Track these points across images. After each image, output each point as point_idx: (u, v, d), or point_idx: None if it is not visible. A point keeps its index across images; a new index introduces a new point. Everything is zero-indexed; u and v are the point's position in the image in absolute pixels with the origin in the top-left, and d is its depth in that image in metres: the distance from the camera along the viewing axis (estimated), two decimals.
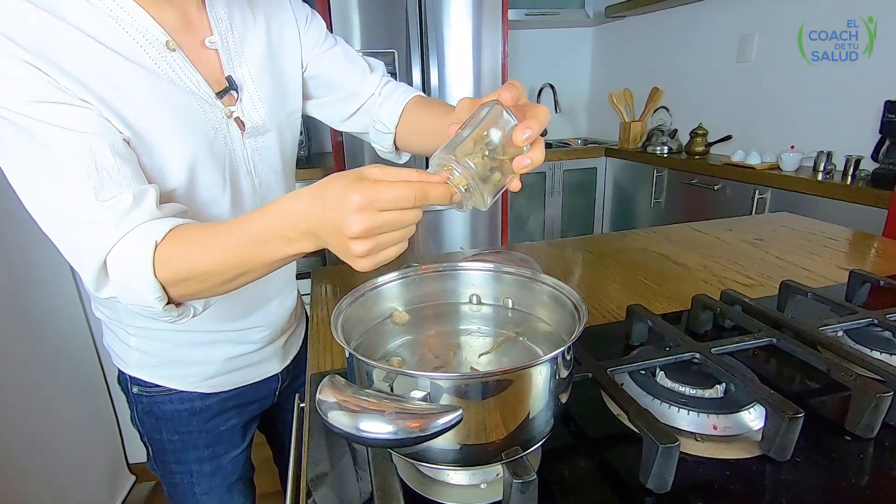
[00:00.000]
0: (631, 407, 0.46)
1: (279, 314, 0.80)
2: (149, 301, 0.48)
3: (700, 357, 0.54)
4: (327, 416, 0.32)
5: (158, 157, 0.55)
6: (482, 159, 0.41)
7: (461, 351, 0.49)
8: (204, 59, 0.61)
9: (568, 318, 0.46)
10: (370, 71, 0.77)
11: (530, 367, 0.35)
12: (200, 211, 0.61)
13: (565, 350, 0.37)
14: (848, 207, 1.67)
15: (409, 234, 0.41)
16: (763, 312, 0.65)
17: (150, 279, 0.47)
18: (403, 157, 0.81)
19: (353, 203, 0.38)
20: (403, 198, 0.39)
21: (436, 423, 0.30)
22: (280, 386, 0.86)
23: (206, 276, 0.47)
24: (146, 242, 0.47)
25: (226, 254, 0.46)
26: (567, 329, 0.45)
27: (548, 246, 1.17)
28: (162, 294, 0.48)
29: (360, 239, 0.39)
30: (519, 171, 0.43)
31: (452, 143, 0.42)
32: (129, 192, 0.49)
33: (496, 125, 0.42)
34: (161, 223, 0.49)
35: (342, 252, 0.41)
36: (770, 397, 0.46)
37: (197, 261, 0.47)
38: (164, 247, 0.47)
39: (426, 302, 0.55)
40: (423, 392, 0.34)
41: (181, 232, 0.49)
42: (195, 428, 0.76)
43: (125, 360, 0.73)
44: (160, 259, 0.47)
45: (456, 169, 0.40)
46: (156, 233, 0.47)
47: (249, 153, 0.66)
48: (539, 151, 0.43)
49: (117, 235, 0.47)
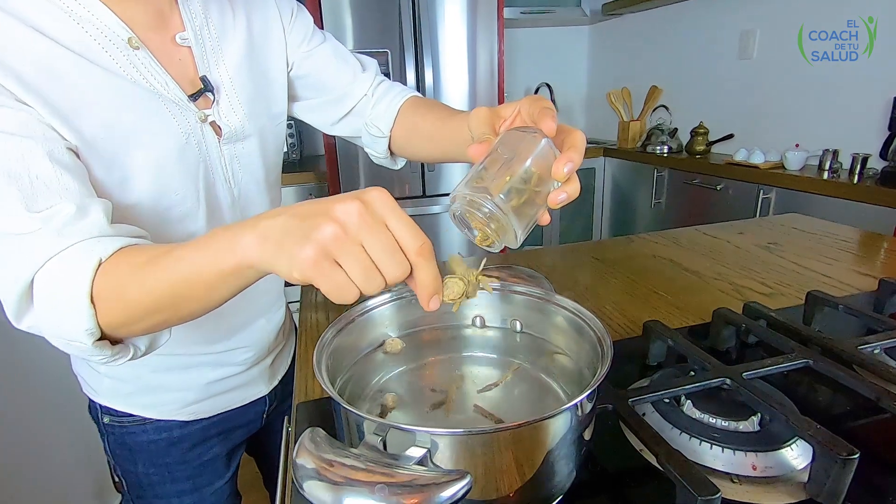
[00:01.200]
0: (660, 448, 0.40)
1: (266, 333, 0.74)
2: (75, 333, 0.39)
3: (731, 383, 0.49)
4: (303, 486, 0.26)
5: (119, 168, 0.49)
6: (517, 194, 0.35)
7: (464, 383, 0.43)
8: (175, 57, 0.55)
9: (586, 346, 0.40)
10: (362, 70, 0.71)
11: (552, 417, 0.30)
12: (171, 228, 0.55)
13: (590, 393, 0.32)
14: (856, 207, 1.62)
15: (372, 283, 0.31)
16: (793, 328, 0.59)
17: (84, 304, 0.38)
18: (399, 162, 0.75)
19: (370, 191, 0.31)
20: (411, 232, 0.32)
21: (438, 497, 0.25)
22: (268, 409, 0.80)
23: (139, 302, 0.38)
24: (88, 259, 0.39)
25: (161, 269, 0.37)
26: (587, 360, 0.39)
27: (550, 252, 1.12)
28: (93, 326, 0.39)
29: (333, 227, 0.30)
30: (554, 206, 0.38)
31: (477, 177, 0.36)
32: (69, 202, 0.41)
33: (536, 157, 0.36)
34: (110, 240, 0.41)
35: (293, 233, 0.31)
36: (817, 433, 0.40)
37: (133, 280, 0.38)
38: (108, 266, 0.39)
39: (423, 325, 0.49)
40: (422, 449, 0.29)
41: (132, 250, 0.41)
42: (174, 459, 0.70)
43: (95, 388, 0.67)
44: (101, 282, 0.39)
45: (484, 205, 0.34)
46: (103, 249, 0.39)
47: (227, 161, 0.60)
48: (575, 184, 0.38)
49: (51, 250, 0.40)
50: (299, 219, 0.31)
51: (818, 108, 1.95)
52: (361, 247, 0.31)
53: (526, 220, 0.37)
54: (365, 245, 0.31)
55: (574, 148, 0.38)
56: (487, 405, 0.41)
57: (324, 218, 0.30)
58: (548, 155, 0.37)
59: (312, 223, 0.30)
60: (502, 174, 0.35)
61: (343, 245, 0.30)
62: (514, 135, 0.38)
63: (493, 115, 0.43)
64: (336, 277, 0.31)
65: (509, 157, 0.36)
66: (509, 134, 0.39)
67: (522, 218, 0.36)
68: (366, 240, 0.31)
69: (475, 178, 0.36)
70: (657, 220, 2.45)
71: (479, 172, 0.36)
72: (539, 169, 0.36)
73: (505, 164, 0.36)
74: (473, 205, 0.34)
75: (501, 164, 0.36)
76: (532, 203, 0.37)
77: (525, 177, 0.36)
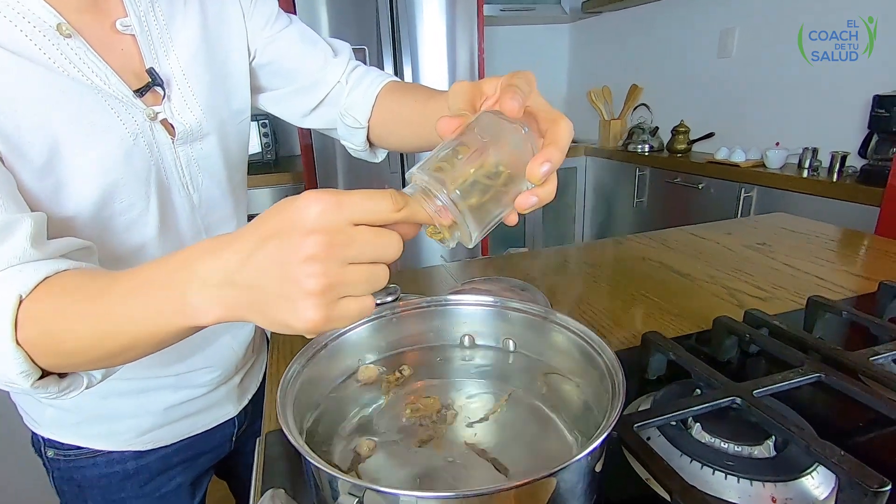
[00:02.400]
0: (674, 484, 0.35)
1: (232, 350, 0.67)
2: (10, 376, 0.34)
3: (741, 402, 0.45)
4: None
5: (52, 175, 0.43)
6: (479, 191, 0.30)
7: (452, 414, 0.38)
8: (116, 47, 0.48)
9: (593, 372, 0.36)
10: (334, 55, 0.64)
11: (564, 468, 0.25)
12: (115, 238, 0.48)
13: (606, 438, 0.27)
14: (835, 204, 1.63)
15: (379, 280, 0.28)
16: (798, 338, 0.56)
17: (9, 347, 0.33)
18: (380, 154, 0.69)
19: (310, 214, 0.26)
20: (377, 199, 0.27)
21: None
22: (238, 431, 0.73)
23: (78, 348, 0.34)
24: (6, 296, 0.33)
25: (96, 319, 0.32)
26: (592, 388, 0.35)
27: (535, 257, 1.07)
28: (28, 367, 0.34)
29: (313, 268, 0.26)
30: (522, 210, 0.32)
31: (440, 160, 0.30)
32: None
33: (510, 152, 0.31)
34: (32, 268, 0.34)
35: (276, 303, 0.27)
36: (842, 461, 0.37)
37: (66, 325, 0.33)
38: (30, 302, 0.33)
39: (405, 347, 0.44)
40: None
41: (60, 281, 0.35)
42: (130, 494, 0.63)
43: (37, 420, 0.59)
44: (24, 319, 0.33)
45: (438, 198, 0.29)
46: (22, 283, 0.33)
47: (184, 164, 0.53)
48: (550, 186, 0.32)
49: None
50: (270, 275, 0.27)
51: (798, 106, 1.96)
52: (350, 265, 0.27)
53: (486, 219, 0.32)
54: (352, 261, 0.27)
55: (555, 144, 0.32)
56: (481, 439, 0.36)
57: (300, 272, 0.26)
58: (524, 150, 0.32)
59: (291, 281, 0.26)
60: (466, 165, 0.30)
61: (336, 286, 0.27)
62: (489, 119, 0.33)
63: (474, 90, 0.37)
64: (349, 311, 0.28)
65: (479, 147, 0.31)
66: (486, 116, 0.33)
67: (482, 218, 0.31)
68: (350, 256, 0.27)
69: (436, 162, 0.30)
70: (639, 219, 2.44)
71: (442, 156, 0.31)
72: (510, 166, 0.31)
73: (474, 154, 0.30)
74: (427, 193, 0.29)
75: (471, 153, 0.30)
76: (497, 201, 0.32)
77: (493, 172, 0.30)
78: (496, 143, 0.31)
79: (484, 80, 0.38)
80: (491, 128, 0.32)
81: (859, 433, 0.47)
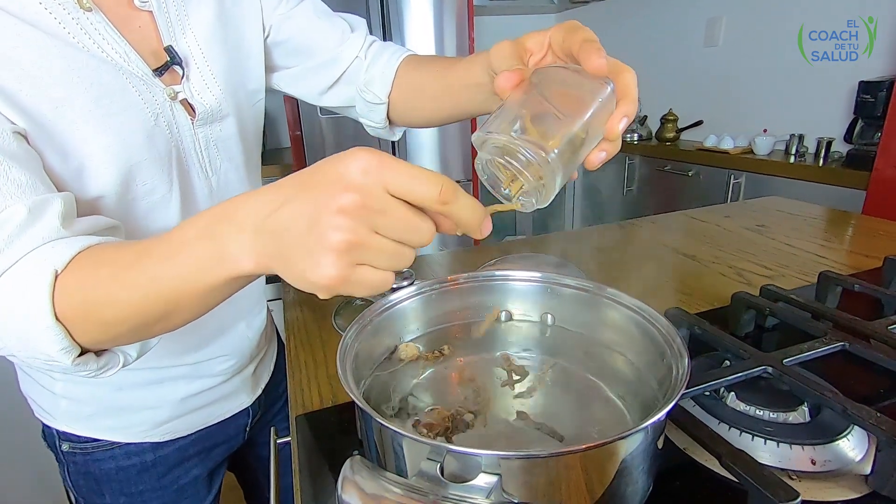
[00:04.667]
0: (722, 448, 0.36)
1: (247, 339, 0.66)
2: (51, 354, 0.33)
3: (773, 371, 0.45)
4: None
5: (75, 156, 0.41)
6: (570, 149, 0.29)
7: (498, 387, 0.38)
8: (134, 24, 0.46)
9: (642, 340, 0.36)
10: (350, 30, 0.62)
11: (643, 430, 0.25)
12: (140, 224, 0.47)
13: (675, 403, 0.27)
14: (821, 188, 1.67)
15: (403, 260, 0.28)
16: (818, 310, 0.57)
17: (49, 323, 0.32)
18: (397, 132, 0.67)
19: (350, 170, 0.25)
20: (423, 181, 0.26)
21: None
22: (251, 421, 0.72)
23: (119, 316, 0.33)
24: (42, 273, 0.32)
25: (138, 281, 0.32)
26: (644, 357, 0.35)
27: (536, 243, 1.08)
28: (69, 344, 0.33)
29: (341, 222, 0.25)
30: (593, 166, 0.32)
31: (521, 119, 0.29)
32: (20, 203, 0.34)
33: (596, 109, 0.30)
34: (65, 244, 0.34)
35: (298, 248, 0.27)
36: (881, 422, 0.38)
37: (106, 294, 0.32)
38: (66, 277, 0.33)
39: (443, 324, 0.43)
40: (493, 476, 0.23)
41: (93, 255, 0.34)
42: (148, 486, 0.61)
43: (50, 412, 0.57)
44: (61, 294, 0.32)
45: (533, 160, 0.28)
46: (56, 258, 0.33)
47: (203, 146, 0.52)
48: (619, 141, 0.33)
49: (2, 265, 0.33)
50: (298, 224, 0.26)
51: (785, 93, 2.00)
52: (378, 235, 0.27)
53: (566, 178, 0.31)
54: (380, 231, 0.27)
55: (628, 97, 0.32)
56: (529, 410, 0.36)
57: (327, 223, 0.25)
58: (608, 107, 0.31)
59: (316, 233, 0.26)
60: (559, 127, 0.29)
61: (359, 247, 0.26)
62: (566, 75, 0.32)
63: (518, 47, 0.36)
64: (365, 280, 0.27)
65: (566, 107, 0.30)
66: (558, 73, 0.32)
67: (566, 175, 0.30)
68: (379, 226, 0.26)
69: (514, 124, 0.29)
70: (629, 207, 2.46)
71: (518, 116, 0.30)
72: (594, 123, 0.31)
73: (563, 116, 0.30)
74: (509, 153, 0.28)
75: (555, 113, 0.30)
76: (577, 159, 0.31)
77: (581, 133, 0.30)
78: (584, 103, 0.30)
79: (526, 36, 0.37)
80: (574, 86, 0.31)
81: (883, 398, 0.49)
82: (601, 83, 0.31)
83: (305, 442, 0.44)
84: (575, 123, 0.29)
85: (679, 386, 0.28)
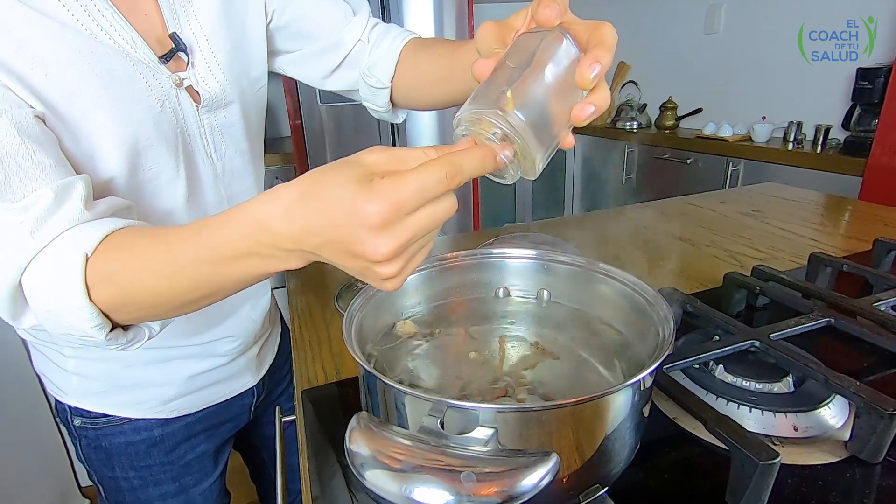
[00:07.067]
0: (707, 414, 0.38)
1: (252, 320, 0.68)
2: (86, 330, 0.35)
3: (760, 345, 0.47)
4: (364, 475, 0.22)
5: (86, 140, 0.42)
6: (536, 109, 0.29)
7: (495, 361, 0.40)
8: (140, 11, 0.47)
9: (631, 312, 0.37)
10: (353, 13, 0.62)
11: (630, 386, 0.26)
12: (147, 207, 0.48)
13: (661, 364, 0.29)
14: (819, 175, 1.68)
15: (439, 229, 0.31)
16: (806, 289, 0.59)
17: (83, 303, 0.34)
18: (401, 115, 0.67)
19: (371, 218, 0.27)
20: (432, 184, 0.27)
21: (524, 483, 0.21)
22: (256, 400, 0.74)
23: (156, 301, 0.36)
24: (73, 256, 0.34)
25: (178, 274, 0.34)
26: (634, 328, 0.36)
27: (540, 227, 1.09)
28: (102, 321, 0.35)
29: (389, 261, 0.29)
30: (579, 122, 0.31)
31: (489, 90, 0.30)
32: (47, 187, 0.36)
33: (554, 61, 0.30)
34: (92, 228, 0.35)
35: (361, 275, 0.31)
36: (860, 390, 0.39)
37: (141, 281, 0.35)
38: (97, 260, 0.35)
39: (440, 300, 0.45)
40: (490, 430, 0.25)
41: (120, 239, 0.36)
42: (156, 461, 0.64)
43: (62, 388, 0.59)
44: (94, 276, 0.34)
45: (497, 125, 0.29)
46: (86, 242, 0.35)
47: (208, 132, 0.53)
48: (605, 92, 0.32)
49: (34, 248, 0.35)
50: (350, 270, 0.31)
51: (784, 81, 2.00)
52: (415, 242, 0.30)
53: (547, 142, 0.31)
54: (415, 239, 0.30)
55: (602, 45, 0.30)
56: (526, 380, 0.38)
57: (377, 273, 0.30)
58: (570, 57, 0.30)
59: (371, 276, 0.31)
60: (519, 85, 0.29)
61: (406, 259, 0.30)
62: (524, 38, 0.32)
63: (502, 27, 0.36)
64: (418, 262, 0.32)
65: (521, 66, 0.30)
66: (520, 39, 0.32)
67: (543, 140, 0.30)
68: (413, 240, 0.29)
69: (481, 96, 0.29)
70: (629, 194, 2.47)
71: (484, 87, 0.30)
72: (559, 77, 0.30)
73: (516, 74, 0.29)
74: (482, 125, 0.29)
75: (511, 74, 0.29)
76: (554, 121, 0.31)
77: (543, 86, 0.30)
78: (538, 57, 0.30)
79: (512, 16, 0.37)
80: (528, 46, 0.31)
81: (866, 372, 0.51)
82: (555, 34, 0.31)
83: (310, 417, 0.46)
84: (527, 78, 0.29)
85: (665, 346, 0.29)
